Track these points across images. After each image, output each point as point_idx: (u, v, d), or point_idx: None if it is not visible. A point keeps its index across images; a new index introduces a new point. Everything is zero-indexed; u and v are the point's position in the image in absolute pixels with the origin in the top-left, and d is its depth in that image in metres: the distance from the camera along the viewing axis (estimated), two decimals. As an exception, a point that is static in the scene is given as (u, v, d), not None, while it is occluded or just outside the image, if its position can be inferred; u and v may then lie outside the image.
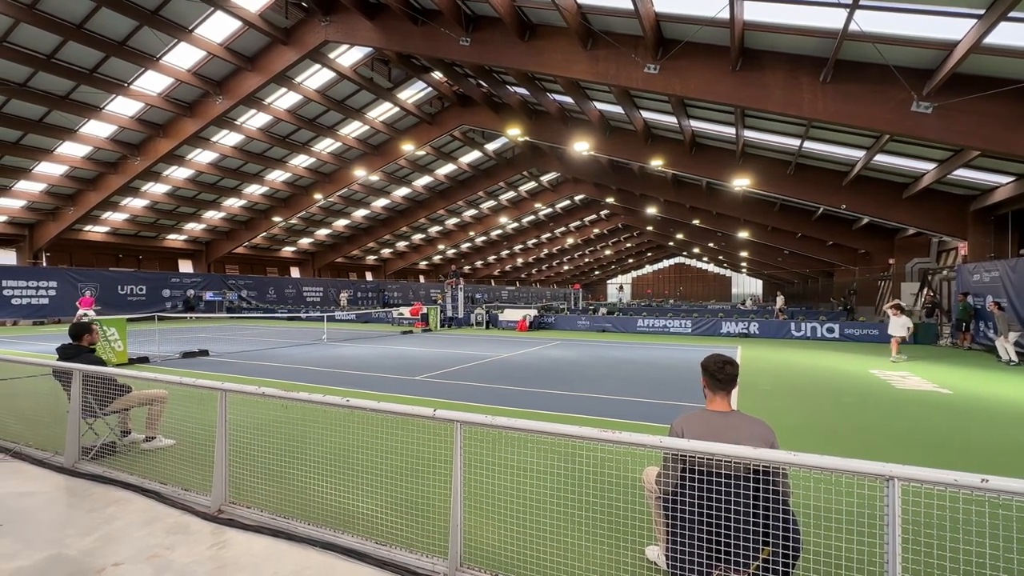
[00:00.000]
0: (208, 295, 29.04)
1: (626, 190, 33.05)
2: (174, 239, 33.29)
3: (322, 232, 39.27)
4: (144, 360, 11.35)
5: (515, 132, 22.55)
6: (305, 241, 40.19)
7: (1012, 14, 8.24)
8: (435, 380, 9.40)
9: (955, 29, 9.38)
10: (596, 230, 54.00)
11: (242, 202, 30.94)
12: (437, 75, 21.71)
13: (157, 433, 5.06)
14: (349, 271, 46.85)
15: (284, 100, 21.97)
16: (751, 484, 2.36)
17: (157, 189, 26.94)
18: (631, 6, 11.35)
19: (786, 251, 40.69)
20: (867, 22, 9.56)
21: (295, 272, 42.24)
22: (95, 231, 29.46)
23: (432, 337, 18.90)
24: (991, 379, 10.13)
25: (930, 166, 16.15)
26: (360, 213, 37.07)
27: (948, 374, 10.64)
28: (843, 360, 12.94)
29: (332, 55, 19.32)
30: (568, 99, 19.69)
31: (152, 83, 18.99)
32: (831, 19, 10.07)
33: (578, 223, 50.87)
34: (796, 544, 2.34)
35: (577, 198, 42.33)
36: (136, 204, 27.81)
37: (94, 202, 24.34)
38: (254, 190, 29.86)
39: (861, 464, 2.09)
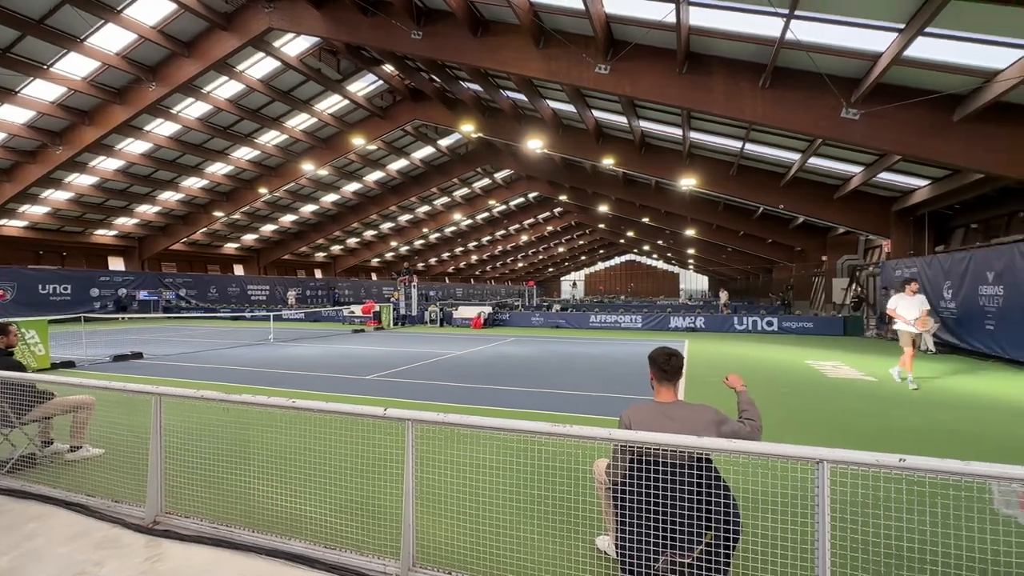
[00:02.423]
0: (142, 294, 27.26)
1: (579, 188, 33.56)
2: (103, 234, 31.03)
3: (268, 228, 37.68)
4: (70, 364, 10.56)
5: (468, 128, 22.41)
6: (249, 237, 38.44)
7: (928, 29, 8.91)
8: (387, 379, 9.24)
9: (879, 41, 10.06)
10: (550, 227, 54.53)
11: (179, 196, 29.22)
12: (388, 68, 21.24)
13: (84, 442, 4.72)
14: (297, 269, 45.23)
15: (225, 89, 20.87)
16: (694, 471, 2.46)
17: (83, 181, 25.02)
18: (582, 6, 11.50)
19: (729, 248, 42.49)
20: (802, 31, 10.10)
21: (239, 270, 40.33)
22: (11, 225, 27.03)
23: (385, 336, 18.56)
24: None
25: (858, 169, 17.30)
26: (308, 208, 35.83)
27: (874, 363, 11.42)
28: (781, 352, 13.67)
29: (277, 43, 18.52)
30: (521, 96, 19.75)
31: (76, 66, 17.59)
32: (770, 27, 10.56)
33: (532, 220, 51.19)
34: (736, 527, 2.46)
35: (531, 195, 42.57)
36: (59, 196, 25.72)
37: (9, 194, 22.29)
38: (193, 183, 28.26)
39: (794, 449, 2.22)
